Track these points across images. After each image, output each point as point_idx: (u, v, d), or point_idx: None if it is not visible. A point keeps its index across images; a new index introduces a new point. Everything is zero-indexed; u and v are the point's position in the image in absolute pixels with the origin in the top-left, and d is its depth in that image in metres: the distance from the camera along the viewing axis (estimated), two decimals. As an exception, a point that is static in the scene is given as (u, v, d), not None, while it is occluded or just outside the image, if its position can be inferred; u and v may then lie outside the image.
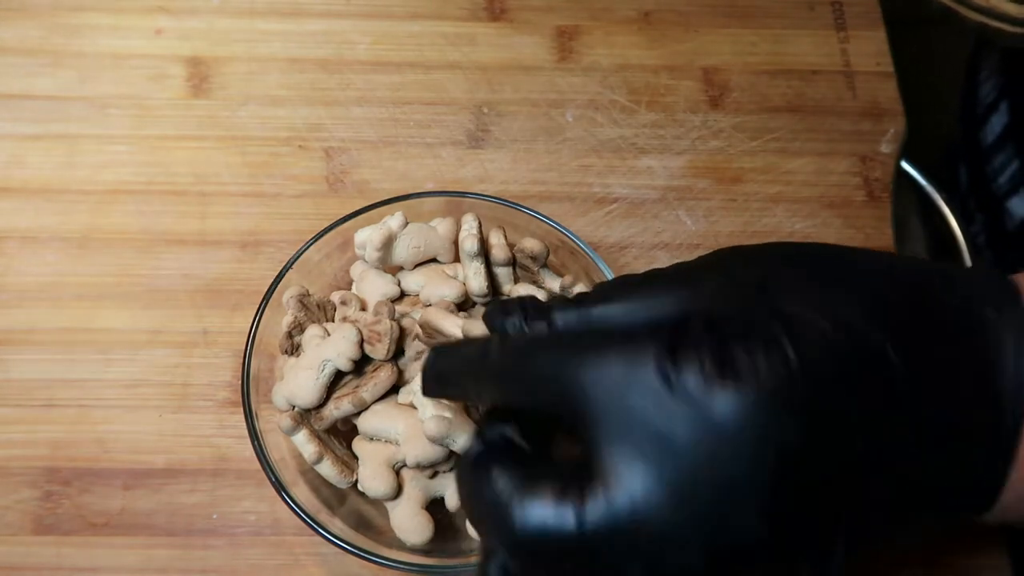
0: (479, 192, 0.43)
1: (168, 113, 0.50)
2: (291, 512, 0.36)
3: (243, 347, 0.39)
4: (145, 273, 0.46)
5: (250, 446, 0.38)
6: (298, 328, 0.39)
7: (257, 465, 0.38)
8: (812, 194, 0.50)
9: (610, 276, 0.40)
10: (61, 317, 0.45)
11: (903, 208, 0.52)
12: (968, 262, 0.53)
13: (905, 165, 0.52)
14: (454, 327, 0.36)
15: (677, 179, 0.50)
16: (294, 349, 0.40)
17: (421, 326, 0.38)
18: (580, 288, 0.41)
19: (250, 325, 0.39)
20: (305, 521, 0.36)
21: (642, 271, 0.30)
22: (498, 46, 0.53)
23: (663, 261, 0.48)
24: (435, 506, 0.38)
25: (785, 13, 0.55)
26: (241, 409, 0.38)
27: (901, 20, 0.55)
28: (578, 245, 0.41)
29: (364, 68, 0.52)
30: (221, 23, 0.53)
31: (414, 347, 0.39)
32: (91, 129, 0.49)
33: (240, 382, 0.38)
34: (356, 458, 0.38)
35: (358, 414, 0.38)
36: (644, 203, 0.49)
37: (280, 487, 0.36)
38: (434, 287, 0.40)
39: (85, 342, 0.44)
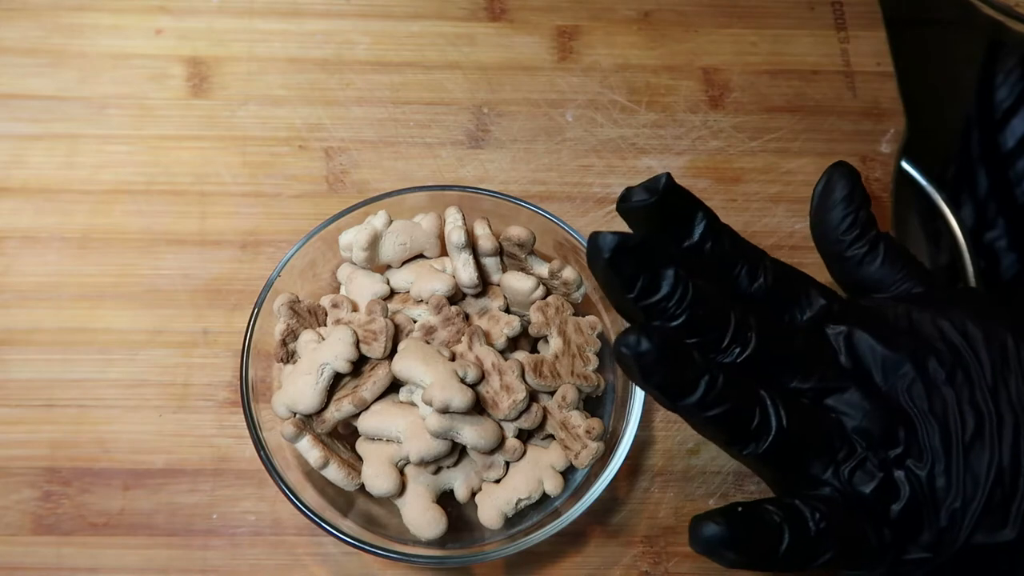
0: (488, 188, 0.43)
1: (168, 113, 0.50)
2: (292, 512, 0.36)
3: (242, 349, 0.39)
4: (145, 273, 0.46)
5: (250, 446, 0.38)
6: (291, 335, 0.40)
7: (257, 465, 0.38)
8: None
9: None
10: (61, 317, 0.45)
11: (903, 208, 0.52)
12: (968, 261, 0.53)
13: (905, 165, 0.52)
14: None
15: (677, 179, 0.49)
16: (289, 356, 0.40)
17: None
18: (568, 272, 0.41)
19: (246, 330, 0.39)
20: (319, 524, 0.36)
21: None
22: (498, 46, 0.53)
23: (663, 261, 0.48)
24: (444, 499, 0.38)
25: (785, 13, 0.55)
26: (241, 409, 0.38)
27: (901, 20, 0.55)
28: (580, 242, 0.42)
29: (364, 68, 0.52)
30: (221, 23, 0.53)
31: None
32: (91, 129, 0.49)
33: (239, 384, 0.39)
34: (361, 459, 0.38)
35: (358, 415, 0.38)
36: (644, 203, 0.49)
37: (291, 494, 0.36)
38: (424, 282, 0.40)
39: (85, 342, 0.44)
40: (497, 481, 0.38)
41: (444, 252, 0.41)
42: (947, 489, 0.29)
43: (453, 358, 0.38)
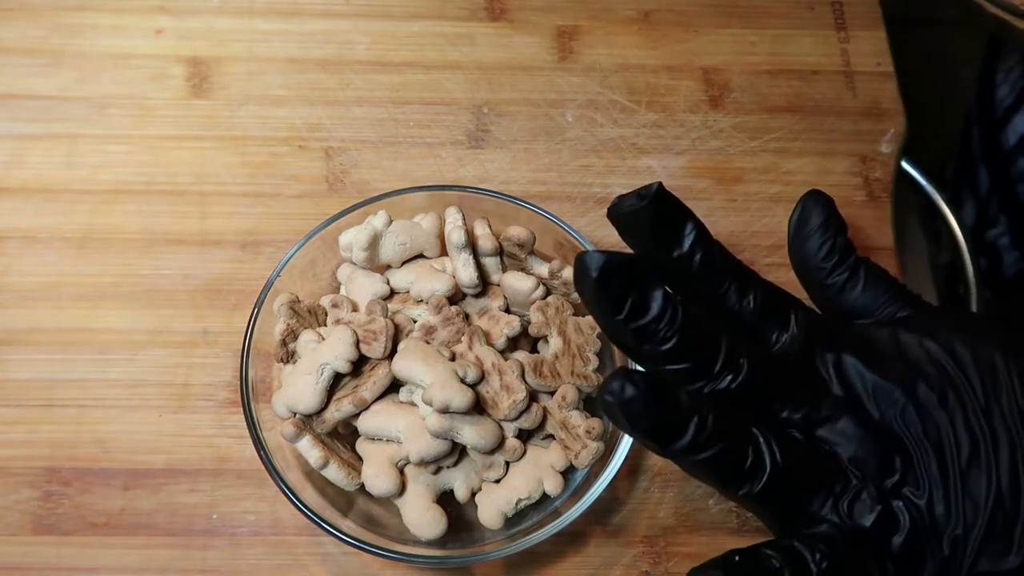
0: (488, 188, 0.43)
1: (168, 113, 0.50)
2: (292, 512, 0.36)
3: (241, 348, 0.39)
4: (145, 273, 0.46)
5: (250, 446, 0.38)
6: (291, 335, 0.40)
7: (257, 465, 0.38)
8: (812, 194, 0.50)
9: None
10: (61, 317, 0.45)
11: (903, 208, 0.52)
12: (968, 261, 0.53)
13: (905, 165, 0.52)
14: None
15: (677, 179, 0.50)
16: (289, 356, 0.40)
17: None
18: (568, 272, 0.41)
19: (245, 331, 0.39)
20: (319, 524, 0.36)
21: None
22: (498, 46, 0.53)
23: (663, 261, 0.48)
24: (444, 499, 0.38)
25: (785, 13, 0.55)
26: (241, 409, 0.38)
27: (901, 20, 0.55)
28: (580, 242, 0.42)
29: (364, 68, 0.52)
30: (221, 23, 0.53)
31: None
32: (91, 129, 0.49)
33: (240, 384, 0.39)
34: (361, 459, 0.38)
35: (358, 415, 0.38)
36: (644, 203, 0.49)
37: (291, 494, 0.37)
38: (424, 282, 0.40)
39: (85, 342, 0.44)
40: (497, 481, 0.38)
41: (444, 252, 0.41)
42: (947, 516, 0.28)
43: (453, 358, 0.38)
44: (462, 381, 0.36)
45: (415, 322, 0.40)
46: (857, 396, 0.30)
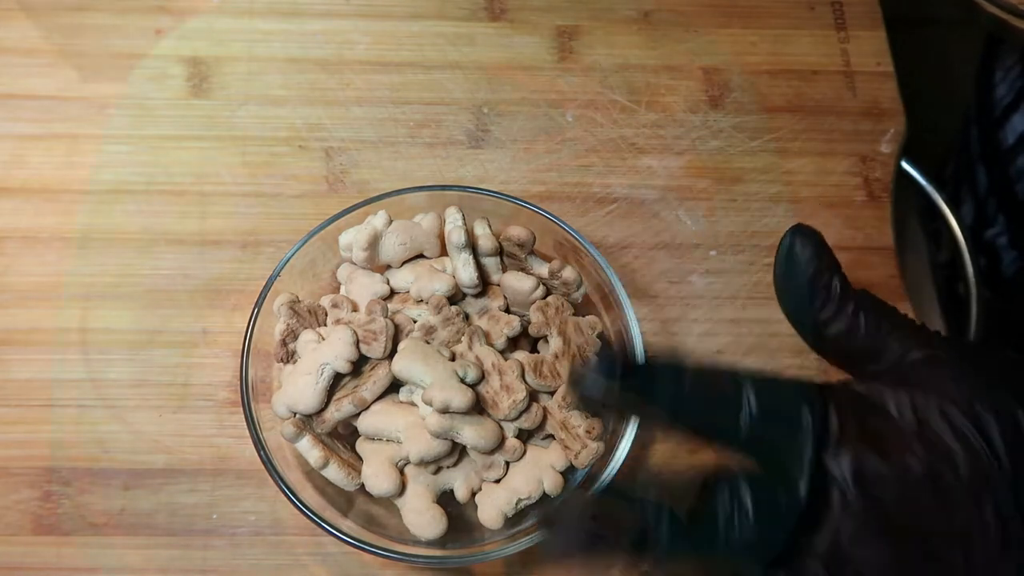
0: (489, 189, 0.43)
1: (168, 113, 0.50)
2: (292, 512, 0.36)
3: (242, 348, 0.39)
4: (145, 273, 0.46)
5: (250, 446, 0.38)
6: (291, 335, 0.40)
7: (257, 465, 0.38)
8: (812, 194, 0.50)
9: (612, 275, 0.40)
10: (61, 317, 0.45)
11: (903, 208, 0.52)
12: (968, 260, 0.53)
13: (905, 165, 0.52)
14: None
15: (677, 179, 0.50)
16: (289, 356, 0.40)
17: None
18: (568, 272, 0.41)
19: (245, 330, 0.39)
20: (319, 524, 0.36)
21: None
22: (498, 46, 0.53)
23: (663, 261, 0.48)
24: (444, 499, 0.38)
25: (785, 13, 0.55)
26: (241, 409, 0.38)
27: (901, 20, 0.55)
28: (580, 242, 0.42)
29: (364, 68, 0.52)
30: (221, 23, 0.53)
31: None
32: (91, 129, 0.49)
33: (240, 384, 0.39)
34: (361, 459, 0.38)
35: (358, 415, 0.38)
36: (644, 203, 0.49)
37: (291, 494, 0.36)
38: (424, 282, 0.40)
39: (85, 342, 0.44)
40: (497, 481, 0.38)
41: (444, 252, 0.41)
42: None
43: (453, 358, 0.38)
44: (462, 381, 0.36)
45: (415, 322, 0.40)
46: (878, 506, 0.28)
